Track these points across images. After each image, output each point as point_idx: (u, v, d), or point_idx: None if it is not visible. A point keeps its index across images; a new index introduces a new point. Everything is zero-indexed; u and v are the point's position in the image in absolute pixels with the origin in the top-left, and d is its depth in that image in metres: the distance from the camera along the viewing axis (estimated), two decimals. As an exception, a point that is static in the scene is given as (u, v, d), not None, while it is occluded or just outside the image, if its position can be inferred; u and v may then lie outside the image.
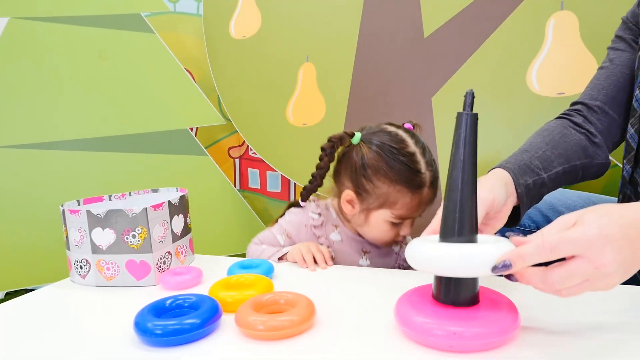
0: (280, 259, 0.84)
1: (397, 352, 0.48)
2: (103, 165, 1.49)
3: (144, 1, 1.62)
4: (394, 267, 0.90)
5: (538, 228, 0.92)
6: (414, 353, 0.47)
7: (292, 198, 1.83)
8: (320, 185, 0.89)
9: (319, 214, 0.90)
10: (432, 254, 0.46)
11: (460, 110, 0.48)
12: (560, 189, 0.98)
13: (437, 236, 0.50)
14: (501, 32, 1.22)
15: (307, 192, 0.90)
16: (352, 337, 0.52)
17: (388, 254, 0.91)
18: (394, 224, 0.83)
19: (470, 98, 0.47)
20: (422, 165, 0.80)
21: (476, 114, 0.47)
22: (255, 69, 1.65)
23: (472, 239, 0.48)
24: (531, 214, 0.93)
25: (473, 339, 0.45)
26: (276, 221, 0.94)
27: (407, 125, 0.86)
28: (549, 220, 0.91)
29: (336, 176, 0.88)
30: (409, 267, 0.76)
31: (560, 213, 0.91)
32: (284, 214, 0.95)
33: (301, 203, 0.93)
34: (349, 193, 0.84)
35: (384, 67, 1.40)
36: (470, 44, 1.25)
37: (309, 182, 0.89)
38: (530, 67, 1.18)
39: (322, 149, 0.86)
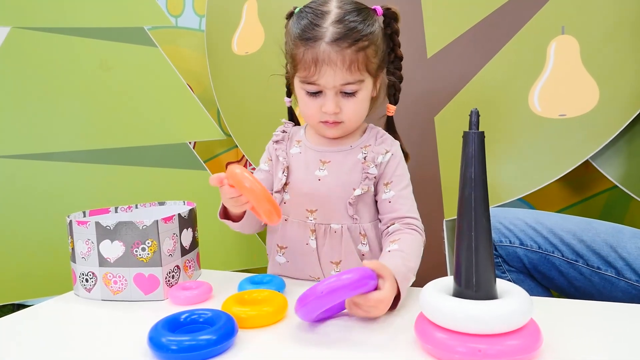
0: None
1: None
2: (101, 177, 1.47)
3: (147, 15, 1.62)
4: (361, 182, 0.80)
5: (540, 248, 0.92)
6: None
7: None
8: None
9: (283, 131, 0.89)
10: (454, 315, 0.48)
11: (464, 129, 0.49)
12: (560, 214, 0.99)
13: (451, 280, 0.51)
14: (503, 54, 1.24)
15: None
16: (374, 356, 0.51)
17: (353, 167, 0.82)
18: (310, 95, 0.77)
19: (475, 117, 0.48)
20: (326, 21, 0.72)
21: (482, 132, 0.48)
22: (257, 85, 1.65)
23: (491, 291, 0.49)
24: (532, 234, 0.94)
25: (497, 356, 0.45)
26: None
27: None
28: (549, 242, 0.92)
29: None
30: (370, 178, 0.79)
31: (560, 237, 0.92)
32: None
33: None
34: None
35: (387, 85, 1.41)
36: (473, 65, 1.27)
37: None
38: (532, 89, 1.19)
39: None
